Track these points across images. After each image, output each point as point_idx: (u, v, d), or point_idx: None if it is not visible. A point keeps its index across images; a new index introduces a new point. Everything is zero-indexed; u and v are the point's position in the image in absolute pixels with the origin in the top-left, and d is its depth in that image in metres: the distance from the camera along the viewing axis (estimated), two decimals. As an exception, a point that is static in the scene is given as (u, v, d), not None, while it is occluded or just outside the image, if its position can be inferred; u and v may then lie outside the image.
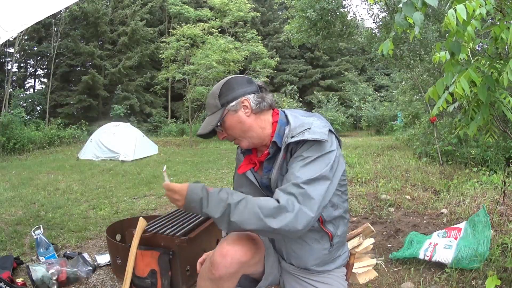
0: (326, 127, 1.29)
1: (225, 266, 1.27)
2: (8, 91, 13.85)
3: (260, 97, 1.36)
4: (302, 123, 1.31)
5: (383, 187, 4.68)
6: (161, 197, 4.90)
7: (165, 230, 2.14)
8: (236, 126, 1.34)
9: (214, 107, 1.35)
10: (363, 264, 2.32)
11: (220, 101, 1.33)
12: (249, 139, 1.36)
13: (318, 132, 1.25)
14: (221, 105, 1.33)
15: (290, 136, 1.29)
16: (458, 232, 2.66)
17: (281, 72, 22.98)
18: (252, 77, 1.48)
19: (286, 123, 1.36)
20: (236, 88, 1.34)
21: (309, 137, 1.23)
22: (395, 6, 6.23)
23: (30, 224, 3.61)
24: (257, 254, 1.34)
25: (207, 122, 1.36)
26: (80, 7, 17.51)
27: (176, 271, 2.09)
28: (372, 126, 17.58)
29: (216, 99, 1.34)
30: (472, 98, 1.95)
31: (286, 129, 1.33)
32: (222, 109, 1.33)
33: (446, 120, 7.01)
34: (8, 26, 2.43)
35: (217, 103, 1.34)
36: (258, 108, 1.35)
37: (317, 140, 1.23)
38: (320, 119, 1.36)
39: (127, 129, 9.83)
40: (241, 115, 1.34)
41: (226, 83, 1.35)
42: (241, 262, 1.28)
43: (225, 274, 1.28)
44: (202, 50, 12.42)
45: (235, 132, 1.35)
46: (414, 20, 1.46)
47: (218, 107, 1.33)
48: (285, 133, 1.32)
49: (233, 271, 1.28)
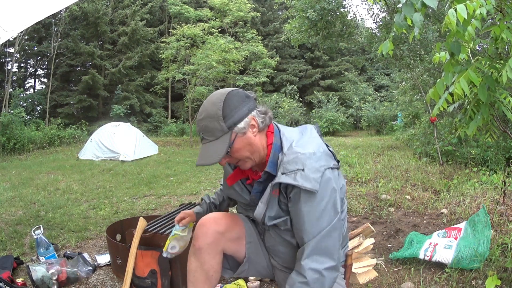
0: (320, 169, 1.17)
1: (203, 235, 1.36)
2: (8, 91, 13.85)
3: (262, 112, 1.26)
4: (296, 157, 1.19)
5: (383, 187, 4.68)
6: (161, 197, 4.91)
7: (165, 230, 2.13)
8: (245, 148, 1.23)
9: (219, 131, 1.18)
10: (363, 264, 2.33)
11: (226, 123, 1.17)
12: (254, 160, 1.27)
13: (311, 179, 1.15)
14: (228, 128, 1.18)
15: (281, 172, 1.19)
16: (458, 232, 2.66)
17: (281, 72, 22.97)
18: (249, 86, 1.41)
19: (280, 148, 1.26)
20: (240, 106, 1.20)
21: (301, 183, 1.14)
22: (395, 6, 6.23)
23: (30, 224, 3.62)
24: (234, 229, 1.40)
25: (213, 150, 1.18)
26: (80, 7, 17.51)
27: (176, 271, 2.09)
28: (372, 126, 17.57)
29: (221, 121, 1.17)
30: (472, 98, 1.95)
31: (279, 156, 1.24)
32: (229, 132, 1.18)
33: (446, 120, 7.01)
34: (8, 26, 2.43)
35: (222, 126, 1.17)
36: (263, 126, 1.26)
37: (308, 190, 1.15)
38: (317, 144, 1.25)
39: (127, 129, 9.83)
40: (250, 136, 1.22)
41: (227, 101, 1.19)
42: (217, 232, 1.36)
43: (203, 244, 1.36)
44: (202, 50, 12.42)
45: (242, 155, 1.24)
46: (414, 21, 1.46)
47: (225, 130, 1.18)
48: (278, 161, 1.23)
49: (210, 241, 1.36)
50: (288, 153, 1.21)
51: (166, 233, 2.10)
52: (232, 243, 1.41)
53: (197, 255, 1.39)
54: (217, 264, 1.40)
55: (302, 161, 1.17)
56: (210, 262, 1.38)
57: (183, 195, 4.94)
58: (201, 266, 1.39)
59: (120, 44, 19.28)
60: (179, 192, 5.17)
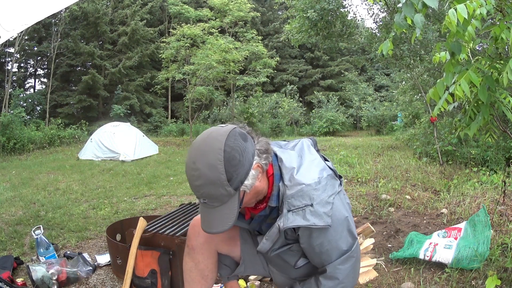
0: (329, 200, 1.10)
1: (195, 235, 1.36)
2: (8, 91, 13.84)
3: (263, 152, 1.12)
4: (301, 191, 1.09)
5: (383, 187, 4.68)
6: (161, 197, 4.91)
7: (165, 230, 2.14)
8: (253, 197, 1.14)
9: (225, 196, 1.03)
10: (363, 264, 2.33)
11: (233, 186, 1.03)
12: (258, 199, 1.19)
13: (322, 214, 1.08)
14: (235, 189, 1.04)
15: (287, 209, 1.10)
16: (458, 232, 2.66)
17: (281, 72, 22.98)
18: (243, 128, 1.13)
19: (279, 177, 1.16)
20: (242, 158, 1.04)
21: (312, 222, 1.07)
22: (395, 6, 6.23)
23: (30, 224, 3.61)
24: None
25: (221, 218, 1.05)
26: (80, 7, 17.52)
27: (176, 271, 2.09)
28: (372, 126, 17.58)
29: (226, 186, 1.02)
30: (472, 99, 1.95)
31: (280, 188, 1.14)
32: (237, 193, 1.05)
33: (446, 120, 7.01)
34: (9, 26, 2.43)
35: (228, 191, 1.02)
36: (266, 166, 1.13)
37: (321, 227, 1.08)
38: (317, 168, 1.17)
39: (127, 129, 9.83)
40: (257, 185, 1.11)
41: (228, 159, 1.01)
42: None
43: (196, 244, 1.37)
44: (202, 50, 12.42)
45: (252, 202, 1.16)
46: (415, 22, 1.46)
47: (232, 194, 1.04)
48: (280, 191, 1.14)
49: (203, 240, 1.36)
50: (291, 186, 1.11)
51: (166, 233, 2.11)
52: (225, 243, 1.41)
53: (191, 255, 1.39)
54: (212, 263, 1.40)
55: (309, 194, 1.09)
56: (204, 262, 1.39)
57: (183, 195, 4.94)
58: (196, 266, 1.39)
59: (120, 44, 19.28)
60: (179, 192, 5.17)
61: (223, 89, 16.42)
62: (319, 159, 1.22)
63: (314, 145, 1.31)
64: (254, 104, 17.79)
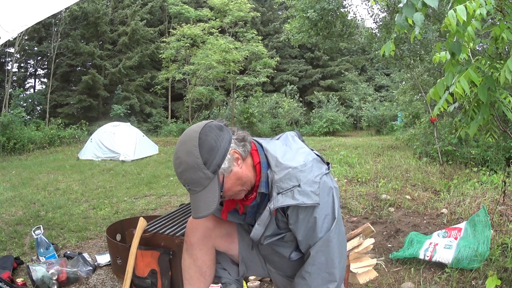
0: (316, 179, 1.15)
1: (193, 231, 1.38)
2: (8, 91, 13.84)
3: (241, 140, 1.18)
4: (288, 173, 1.15)
5: (383, 187, 4.68)
6: (161, 197, 4.91)
7: (165, 230, 2.13)
8: (235, 184, 1.17)
9: (205, 180, 1.10)
10: (363, 264, 2.33)
11: (210, 169, 1.09)
12: (245, 189, 1.21)
13: (310, 193, 1.12)
14: (213, 172, 1.10)
15: (276, 191, 1.15)
16: (458, 232, 2.66)
17: (281, 72, 22.97)
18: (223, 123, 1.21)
19: (267, 164, 1.21)
20: (217, 144, 1.11)
21: (301, 201, 1.11)
22: (395, 6, 6.23)
23: (30, 224, 3.61)
24: (224, 225, 1.40)
25: (205, 200, 1.12)
26: (80, 7, 17.51)
27: (176, 271, 2.09)
28: (372, 126, 17.58)
29: (203, 170, 1.09)
30: (472, 98, 1.95)
31: (269, 174, 1.19)
32: (215, 176, 1.11)
33: (446, 120, 7.01)
34: (9, 26, 2.43)
35: (206, 174, 1.09)
36: (245, 154, 1.19)
37: (310, 205, 1.13)
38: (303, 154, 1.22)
39: (127, 129, 9.82)
40: (237, 170, 1.16)
41: (202, 145, 1.09)
42: (206, 227, 1.37)
43: (194, 240, 1.38)
44: (202, 50, 12.44)
45: (234, 191, 1.18)
46: (415, 20, 1.46)
47: (210, 177, 1.10)
48: (268, 178, 1.18)
49: (200, 235, 1.38)
50: (278, 170, 1.16)
51: (166, 233, 2.11)
52: (223, 239, 1.42)
53: (189, 251, 1.40)
54: (210, 260, 1.41)
55: (296, 176, 1.14)
56: (202, 258, 1.39)
57: (183, 195, 4.94)
58: (194, 262, 1.40)
59: (120, 44, 19.27)
60: (179, 192, 5.17)
61: (223, 89, 16.43)
62: (304, 147, 1.27)
63: (298, 136, 1.35)
64: (254, 104, 17.78)
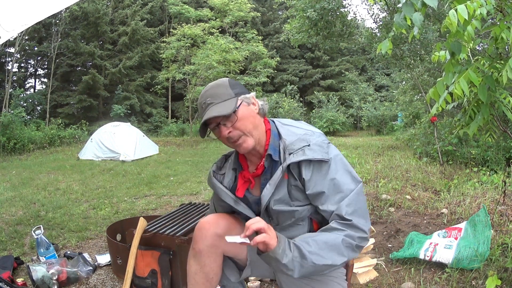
0: (323, 143, 1.24)
1: (202, 238, 1.34)
2: (8, 91, 13.85)
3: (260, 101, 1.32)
4: (298, 138, 1.25)
5: (383, 187, 4.68)
6: (161, 197, 4.91)
7: (166, 230, 2.14)
8: (249, 118, 1.24)
9: (225, 95, 1.23)
10: (364, 264, 2.33)
11: (234, 91, 1.24)
12: (255, 138, 1.26)
13: (319, 150, 1.20)
14: (235, 94, 1.24)
15: (288, 153, 1.22)
16: (458, 232, 2.66)
17: (282, 72, 22.96)
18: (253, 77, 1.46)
19: (278, 135, 1.29)
20: (241, 86, 1.30)
21: (311, 156, 1.18)
22: (395, 6, 6.23)
23: (31, 224, 3.62)
24: (234, 231, 1.36)
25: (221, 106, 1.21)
26: (80, 7, 17.51)
27: (176, 271, 2.09)
28: (373, 126, 17.57)
29: (228, 88, 1.24)
30: (472, 98, 1.95)
31: (280, 143, 1.27)
32: (236, 98, 1.23)
33: (446, 120, 7.01)
34: (9, 26, 2.43)
35: (229, 92, 1.23)
36: (261, 111, 1.30)
37: (319, 160, 1.19)
38: (311, 127, 1.33)
39: (127, 129, 9.83)
40: (253, 109, 1.27)
41: (231, 81, 1.28)
42: (216, 234, 1.33)
43: (203, 247, 1.34)
44: (202, 50, 12.44)
45: (247, 125, 1.24)
46: (414, 20, 1.46)
47: (232, 95, 1.23)
48: (280, 147, 1.26)
49: (210, 243, 1.34)
50: (288, 137, 1.26)
51: (166, 233, 2.11)
52: (232, 244, 1.37)
53: (197, 258, 1.37)
54: (218, 266, 1.38)
55: (305, 139, 1.23)
56: (210, 265, 1.36)
57: (184, 195, 4.94)
58: (201, 269, 1.37)
59: (121, 44, 19.27)
60: (179, 192, 5.18)
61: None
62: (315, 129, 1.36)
63: None
64: (255, 104, 17.74)
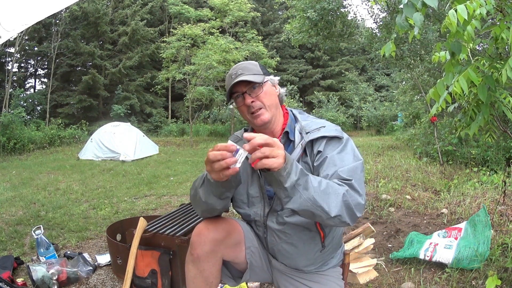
0: (338, 128, 1.33)
1: (200, 244, 1.32)
2: (8, 91, 13.84)
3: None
4: (315, 122, 1.35)
5: (383, 187, 4.67)
6: (161, 197, 4.91)
7: (166, 230, 2.14)
8: (272, 95, 1.36)
9: (256, 71, 1.34)
10: (364, 264, 2.33)
11: (262, 70, 1.36)
12: (273, 114, 1.34)
13: (333, 130, 1.29)
14: (264, 74, 1.35)
15: (305, 132, 1.31)
16: (458, 232, 2.66)
17: (282, 72, 22.95)
18: None
19: (295, 120, 1.40)
20: (268, 71, 1.41)
21: (327, 133, 1.27)
22: (395, 6, 6.23)
23: (31, 224, 3.62)
24: (233, 236, 1.36)
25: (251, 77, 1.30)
26: (80, 7, 17.50)
27: (176, 271, 2.09)
28: (373, 126, 17.57)
29: (258, 67, 1.36)
30: (472, 98, 1.95)
31: (296, 125, 1.36)
32: (263, 76, 1.34)
33: (447, 120, 7.01)
34: (9, 26, 2.43)
35: (259, 69, 1.35)
36: (280, 96, 1.41)
37: (335, 136, 1.27)
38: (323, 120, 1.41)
39: (127, 129, 9.83)
40: (275, 90, 1.39)
41: (260, 64, 1.41)
42: (215, 240, 1.31)
43: (202, 253, 1.32)
44: (202, 50, 12.42)
45: (269, 99, 1.34)
46: (414, 20, 1.46)
47: (261, 72, 1.35)
48: (296, 129, 1.35)
49: (209, 249, 1.32)
50: (304, 121, 1.36)
51: (166, 233, 2.11)
52: (231, 249, 1.38)
53: (195, 263, 1.35)
54: (217, 271, 1.38)
55: (321, 122, 1.34)
56: (210, 270, 1.36)
57: (184, 195, 4.94)
58: (201, 273, 1.36)
59: (121, 44, 19.27)
60: (179, 192, 5.18)
61: (223, 89, 16.40)
62: None
63: None
64: (255, 104, 17.74)
